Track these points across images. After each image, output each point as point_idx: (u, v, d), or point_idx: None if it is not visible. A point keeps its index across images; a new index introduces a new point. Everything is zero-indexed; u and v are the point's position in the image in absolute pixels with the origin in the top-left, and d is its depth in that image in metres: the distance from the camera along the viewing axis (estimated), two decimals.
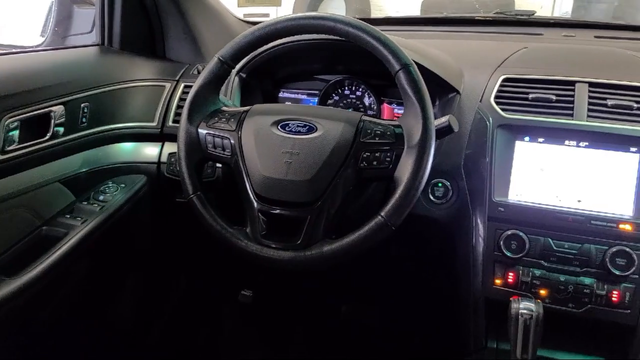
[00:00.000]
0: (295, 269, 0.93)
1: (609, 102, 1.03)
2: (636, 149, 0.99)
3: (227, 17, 1.51)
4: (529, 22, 1.52)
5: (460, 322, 1.12)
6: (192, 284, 1.70)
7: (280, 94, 1.38)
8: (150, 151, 1.29)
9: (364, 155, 0.92)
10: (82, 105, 1.17)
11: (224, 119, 0.99)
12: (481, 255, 1.05)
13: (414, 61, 0.92)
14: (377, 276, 1.51)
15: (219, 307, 1.74)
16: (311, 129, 0.95)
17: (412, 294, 1.48)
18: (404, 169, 0.89)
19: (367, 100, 1.30)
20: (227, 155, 0.98)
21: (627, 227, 0.97)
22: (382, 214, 0.88)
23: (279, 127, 0.96)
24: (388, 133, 0.92)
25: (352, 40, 0.93)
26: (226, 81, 1.23)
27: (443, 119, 0.95)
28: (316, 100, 1.33)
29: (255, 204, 0.94)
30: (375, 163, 0.92)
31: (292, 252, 0.92)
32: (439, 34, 1.54)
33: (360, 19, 0.95)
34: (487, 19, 1.57)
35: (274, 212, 0.93)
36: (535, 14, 1.55)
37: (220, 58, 0.99)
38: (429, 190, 1.10)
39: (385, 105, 1.29)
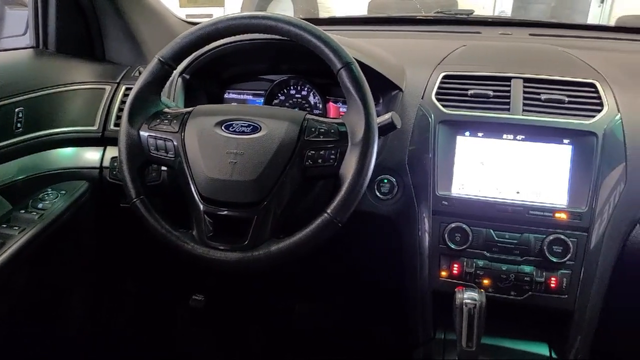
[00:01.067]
0: (243, 270, 0.92)
1: (543, 97, 1.07)
2: (568, 140, 1.03)
3: (169, 18, 1.49)
4: (467, 21, 1.57)
5: (409, 315, 1.14)
6: (143, 290, 1.66)
7: (226, 95, 1.36)
8: (91, 156, 1.25)
9: (309, 154, 0.92)
10: (16, 110, 1.12)
11: (167, 121, 0.98)
12: (427, 249, 1.08)
13: (356, 59, 0.93)
14: (327, 274, 1.52)
15: (171, 313, 1.70)
16: (255, 129, 0.95)
17: (362, 290, 1.50)
18: (349, 166, 0.90)
19: (312, 100, 1.30)
20: (170, 158, 0.96)
21: (562, 216, 1.01)
22: (328, 211, 0.89)
23: (222, 128, 0.95)
24: (332, 131, 0.93)
25: (294, 39, 0.94)
26: (169, 83, 1.22)
27: (386, 116, 0.96)
28: (262, 101, 1.33)
29: (201, 205, 0.93)
30: (320, 161, 0.92)
31: (239, 253, 0.91)
32: (383, 34, 1.56)
33: (305, 19, 0.95)
34: (428, 18, 1.60)
35: (220, 213, 0.92)
36: (474, 14, 1.60)
37: (161, 59, 0.98)
38: (375, 187, 1.12)
39: (331, 104, 1.29)
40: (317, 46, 0.92)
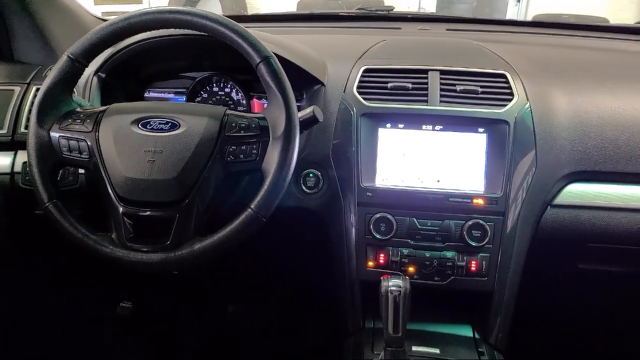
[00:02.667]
0: (167, 271, 0.90)
1: (458, 88, 1.11)
2: (483, 129, 1.08)
3: (82, 15, 1.42)
4: (388, 17, 1.61)
5: (339, 306, 1.15)
6: (67, 300, 1.58)
7: (147, 94, 1.32)
8: (1, 161, 1.18)
9: (230, 149, 0.91)
10: None
11: (79, 120, 0.94)
12: (353, 240, 1.09)
13: (275, 54, 0.93)
14: (258, 273, 1.51)
15: (98, 322, 1.63)
16: (174, 126, 0.92)
17: (293, 286, 1.50)
18: (271, 161, 0.89)
19: (236, 96, 1.29)
20: (84, 159, 0.93)
21: (480, 202, 1.05)
22: (252, 206, 0.88)
23: (139, 126, 0.92)
24: (253, 126, 0.92)
25: (212, 34, 0.92)
26: (84, 82, 1.17)
27: (307, 110, 0.97)
28: (184, 99, 1.30)
29: (120, 207, 0.90)
30: (242, 156, 0.91)
31: (162, 254, 0.89)
32: (306, 30, 1.57)
33: (228, 17, 0.94)
34: (351, 15, 1.63)
35: (140, 214, 0.90)
36: (394, 10, 1.64)
37: (70, 55, 0.93)
38: (301, 181, 1.12)
39: (255, 100, 1.29)
40: (234, 41, 0.91)
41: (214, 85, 1.30)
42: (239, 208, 0.90)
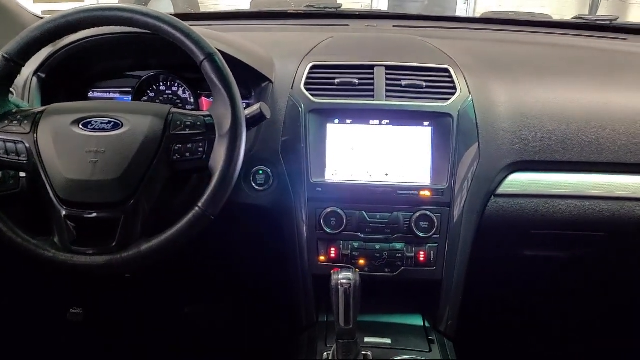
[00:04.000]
0: (113, 273, 0.89)
1: (403, 83, 1.13)
2: (428, 122, 1.10)
3: (20, 14, 1.38)
4: (336, 15, 1.62)
5: (293, 302, 1.16)
6: (15, 309, 1.53)
7: (91, 94, 1.29)
8: None
9: (176, 148, 0.90)
10: None
11: (16, 122, 0.91)
12: (305, 235, 1.10)
13: (221, 51, 0.93)
14: (212, 270, 1.50)
15: (48, 330, 1.58)
16: (117, 125, 0.91)
17: (248, 282, 1.50)
18: (218, 158, 0.89)
19: (183, 95, 1.27)
20: (22, 161, 0.90)
21: (427, 193, 1.08)
22: (199, 205, 0.88)
23: (80, 126, 0.90)
24: (198, 123, 0.91)
25: (154, 31, 0.91)
26: (23, 83, 1.13)
27: (254, 107, 0.97)
28: (130, 99, 1.27)
29: (62, 210, 0.88)
30: (188, 155, 0.91)
31: (108, 256, 0.87)
32: (254, 28, 1.57)
33: (174, 15, 0.93)
34: (299, 12, 1.63)
35: (83, 216, 0.88)
36: (342, 7, 1.65)
37: (5, 55, 0.90)
38: (251, 178, 1.12)
39: (203, 99, 1.27)
40: (177, 38, 0.90)
41: (161, 84, 1.28)
42: (188, 207, 0.89)
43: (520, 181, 1.12)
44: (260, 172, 1.12)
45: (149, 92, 1.28)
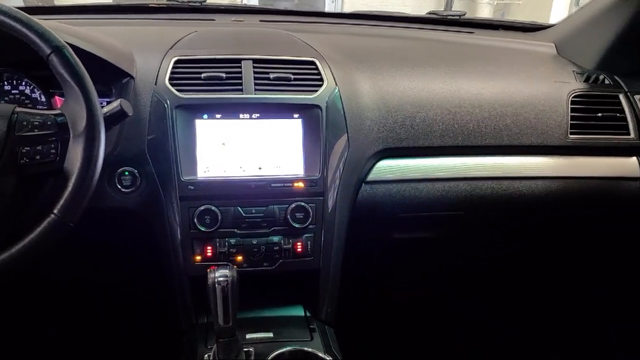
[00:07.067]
0: None
1: (272, 76, 1.13)
2: (298, 114, 1.11)
3: None
4: (201, 9, 1.58)
5: (170, 305, 1.11)
6: None
7: None
8: None
9: (24, 151, 0.82)
10: None
11: None
12: (178, 236, 1.06)
13: (72, 45, 0.86)
14: (80, 281, 1.40)
15: None
16: None
17: (123, 290, 1.42)
18: (74, 160, 0.83)
19: (33, 95, 1.16)
20: None
21: (300, 185, 1.09)
22: (55, 211, 0.81)
23: None
24: (49, 123, 0.84)
25: None
26: None
27: (114, 104, 0.91)
28: None
29: None
30: (38, 157, 0.83)
31: None
32: (113, 22, 1.47)
33: (22, 8, 0.84)
34: (161, 6, 1.56)
35: None
36: (207, 1, 1.61)
37: None
38: (116, 180, 1.05)
39: (56, 98, 1.17)
40: (18, 31, 0.82)
41: (6, 83, 1.15)
42: (44, 215, 0.81)
43: (387, 167, 1.17)
44: (126, 173, 1.06)
45: None
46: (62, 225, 0.80)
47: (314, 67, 1.17)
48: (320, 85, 1.13)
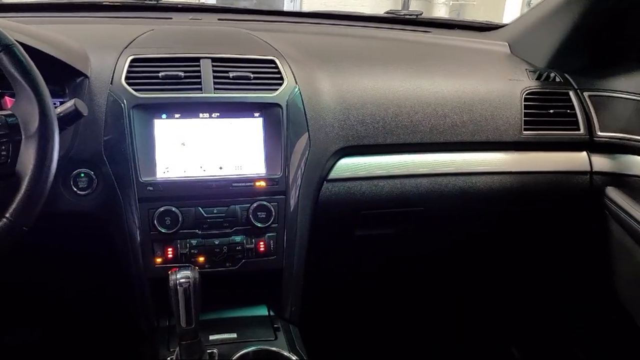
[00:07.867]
0: None
1: (231, 74, 1.12)
2: (259, 113, 1.11)
3: None
4: (157, 7, 1.55)
5: (130, 309, 1.09)
6: None
7: None
8: None
9: None
10: None
11: None
12: (138, 238, 1.04)
13: (21, 43, 0.83)
14: (35, 288, 1.35)
15: None
16: None
17: (82, 295, 1.38)
18: (26, 162, 0.80)
19: None
20: None
21: (262, 184, 1.08)
22: (7, 215, 0.78)
23: None
24: None
25: None
26: None
27: (68, 104, 0.89)
28: None
29: None
30: None
31: None
32: (66, 20, 1.43)
33: None
34: (116, 4, 1.53)
35: None
36: (164, 0, 1.58)
37: None
38: (71, 183, 1.02)
39: (7, 98, 1.12)
40: None
41: None
42: None
43: (348, 165, 1.18)
44: (82, 175, 1.03)
45: None
46: (15, 230, 0.78)
47: (274, 65, 1.16)
48: (281, 84, 1.13)
